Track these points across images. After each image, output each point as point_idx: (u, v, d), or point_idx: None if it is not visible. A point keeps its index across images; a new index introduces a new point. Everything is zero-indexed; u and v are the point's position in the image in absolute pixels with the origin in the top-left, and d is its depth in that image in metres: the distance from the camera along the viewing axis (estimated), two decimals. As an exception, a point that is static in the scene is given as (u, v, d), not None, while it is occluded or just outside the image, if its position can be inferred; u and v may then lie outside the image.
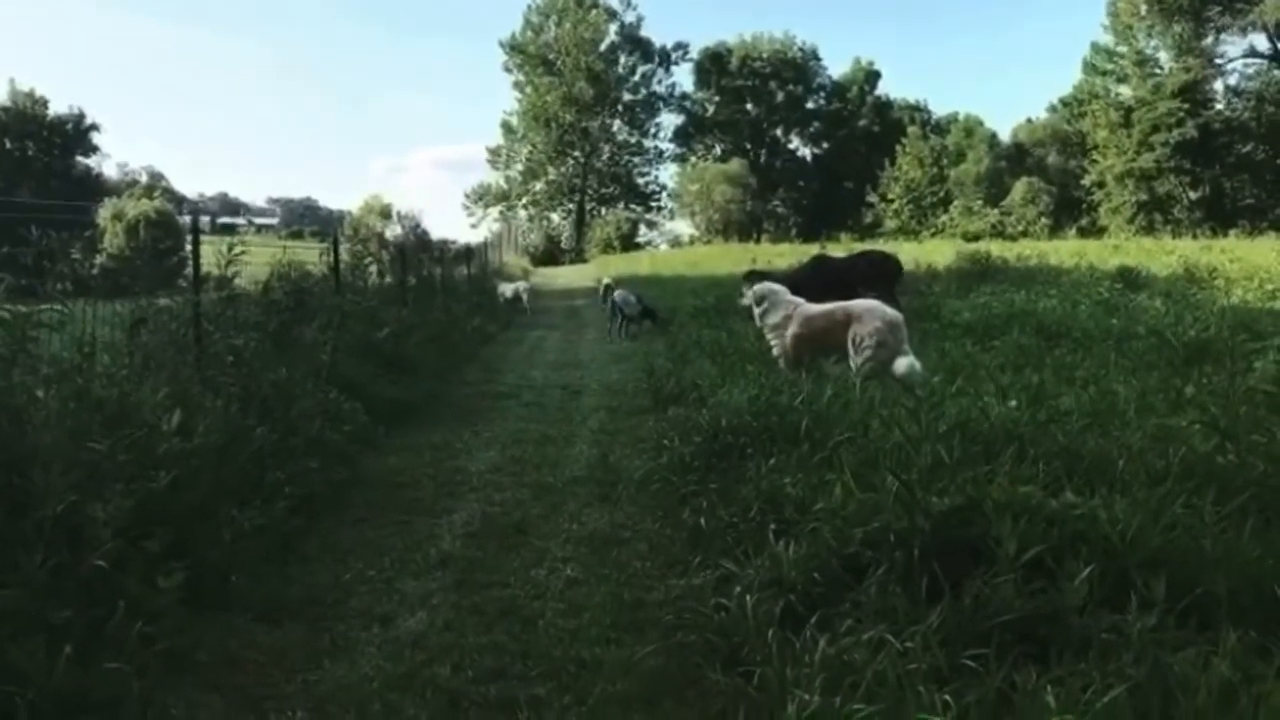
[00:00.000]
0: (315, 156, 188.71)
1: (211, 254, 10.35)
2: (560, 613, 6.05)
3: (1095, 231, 62.46)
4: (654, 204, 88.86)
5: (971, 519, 5.43)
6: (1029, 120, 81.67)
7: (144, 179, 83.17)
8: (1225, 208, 65.35)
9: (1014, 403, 8.03)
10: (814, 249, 31.83)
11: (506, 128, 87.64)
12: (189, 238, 10.33)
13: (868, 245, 46.04)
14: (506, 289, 29.94)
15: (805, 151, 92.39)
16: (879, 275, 19.48)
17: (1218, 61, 68.20)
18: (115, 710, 4.70)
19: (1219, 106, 68.36)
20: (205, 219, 70.54)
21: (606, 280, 28.25)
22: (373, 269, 18.48)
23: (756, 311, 12.49)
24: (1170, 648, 4.13)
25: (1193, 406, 8.59)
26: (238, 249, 10.42)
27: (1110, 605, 4.58)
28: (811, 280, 20.15)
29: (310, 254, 15.54)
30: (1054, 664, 4.16)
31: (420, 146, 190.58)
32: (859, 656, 4.42)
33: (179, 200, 72.37)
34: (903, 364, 10.44)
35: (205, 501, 6.68)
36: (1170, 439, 7.29)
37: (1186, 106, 64.99)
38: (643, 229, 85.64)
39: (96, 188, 66.35)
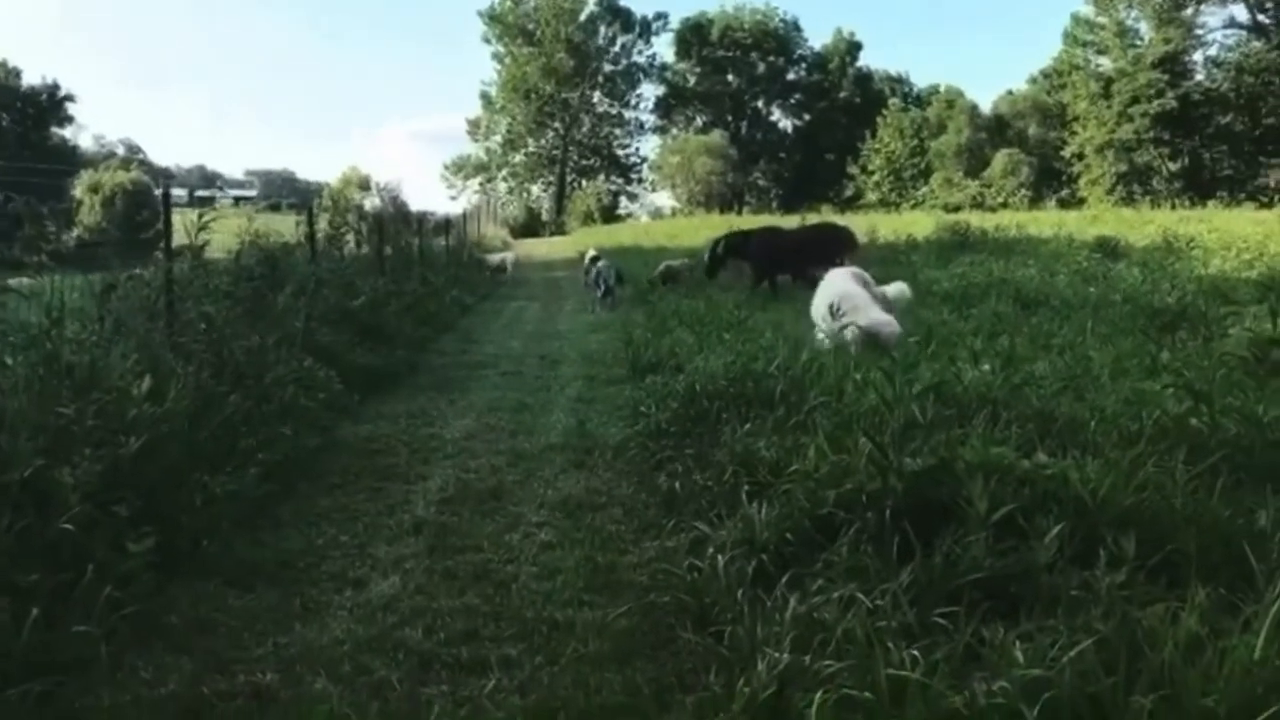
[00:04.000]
0: (294, 129, 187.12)
1: (185, 225, 10.25)
2: (533, 576, 6.04)
3: (1075, 203, 62.54)
4: (635, 176, 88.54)
5: (943, 479, 5.46)
6: (1010, 92, 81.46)
7: (120, 151, 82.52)
8: (1204, 178, 65.48)
9: (987, 367, 8.04)
10: (795, 221, 31.68)
11: (486, 99, 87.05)
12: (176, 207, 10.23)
13: (850, 217, 46.09)
14: (493, 258, 29.88)
15: (786, 123, 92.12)
16: (831, 248, 19.49)
17: (1198, 32, 68.23)
18: (83, 672, 4.70)
19: (1199, 77, 68.41)
20: (183, 191, 70.07)
21: (592, 252, 28.11)
22: (349, 239, 18.36)
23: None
24: (1139, 604, 4.14)
25: (1168, 372, 8.64)
26: (209, 218, 10.31)
27: (1080, 563, 4.60)
28: (763, 250, 20.18)
29: (286, 224, 15.45)
30: (1024, 621, 4.17)
31: (400, 118, 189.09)
32: (829, 615, 4.43)
33: (156, 172, 71.68)
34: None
35: (176, 467, 6.65)
36: (1144, 403, 7.33)
37: (1166, 78, 65.06)
38: (624, 201, 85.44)
39: (72, 160, 65.67)
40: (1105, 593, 4.10)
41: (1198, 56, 68.82)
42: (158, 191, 49.07)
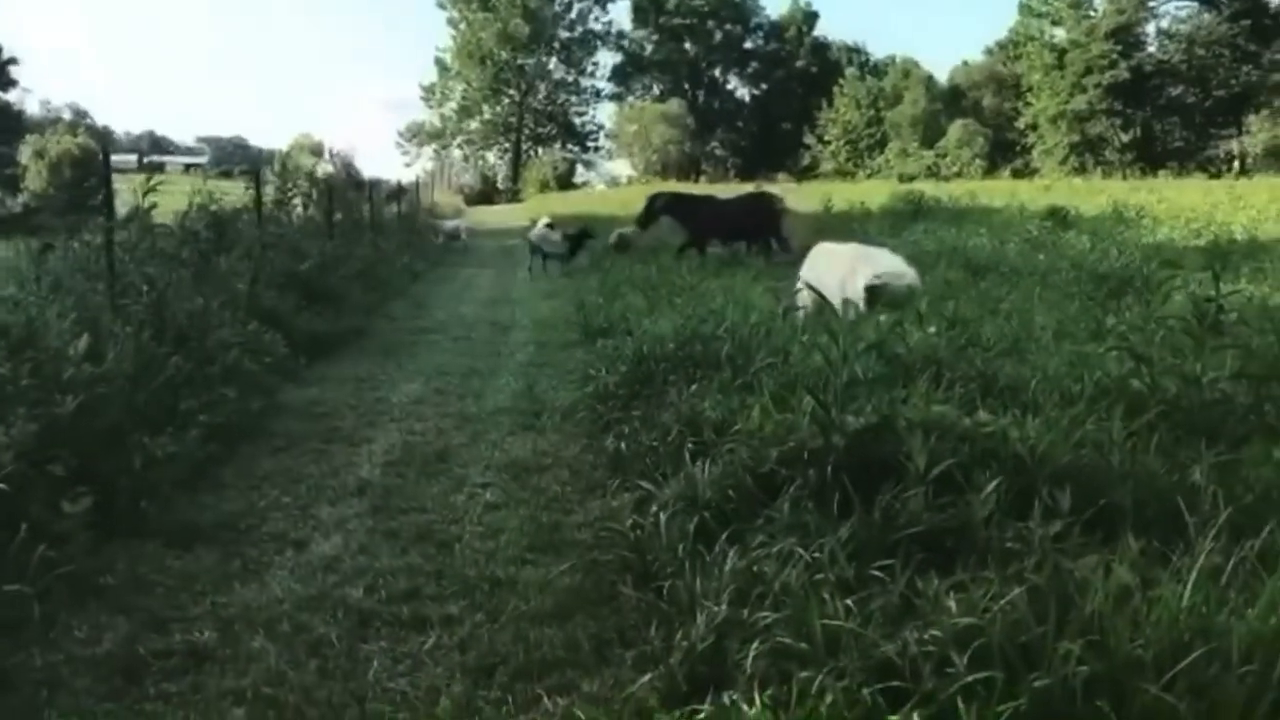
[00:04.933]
0: (247, 95, 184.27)
1: (133, 190, 10.10)
2: (477, 535, 6.03)
3: (1029, 173, 63.00)
4: (591, 144, 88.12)
5: (885, 437, 5.48)
6: (965, 63, 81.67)
7: (67, 116, 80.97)
8: (1155, 149, 66.15)
9: (933, 329, 8.08)
10: (750, 189, 31.78)
11: (441, 65, 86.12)
12: (118, 171, 10.07)
13: (805, 186, 46.22)
14: (446, 225, 29.65)
15: (743, 92, 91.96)
16: (762, 217, 19.52)
17: (1150, 4, 68.62)
18: (15, 632, 4.64)
19: (1150, 49, 68.98)
20: (132, 157, 68.89)
21: (544, 219, 27.98)
22: (297, 204, 18.15)
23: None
24: (1073, 556, 4.18)
25: (1112, 336, 8.73)
26: (156, 181, 10.15)
27: (1016, 517, 4.64)
28: (696, 218, 20.18)
29: (237, 191, 15.26)
30: (960, 573, 4.19)
31: (357, 84, 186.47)
32: (768, 569, 4.44)
33: (104, 138, 70.39)
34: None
35: (115, 427, 6.56)
36: (1087, 365, 7.40)
37: (1119, 49, 65.54)
38: (580, 169, 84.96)
39: (17, 125, 64.31)
40: (1039, 544, 4.13)
41: (1150, 28, 69.43)
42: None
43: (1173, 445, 5.70)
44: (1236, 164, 60.71)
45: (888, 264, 10.61)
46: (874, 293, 9.79)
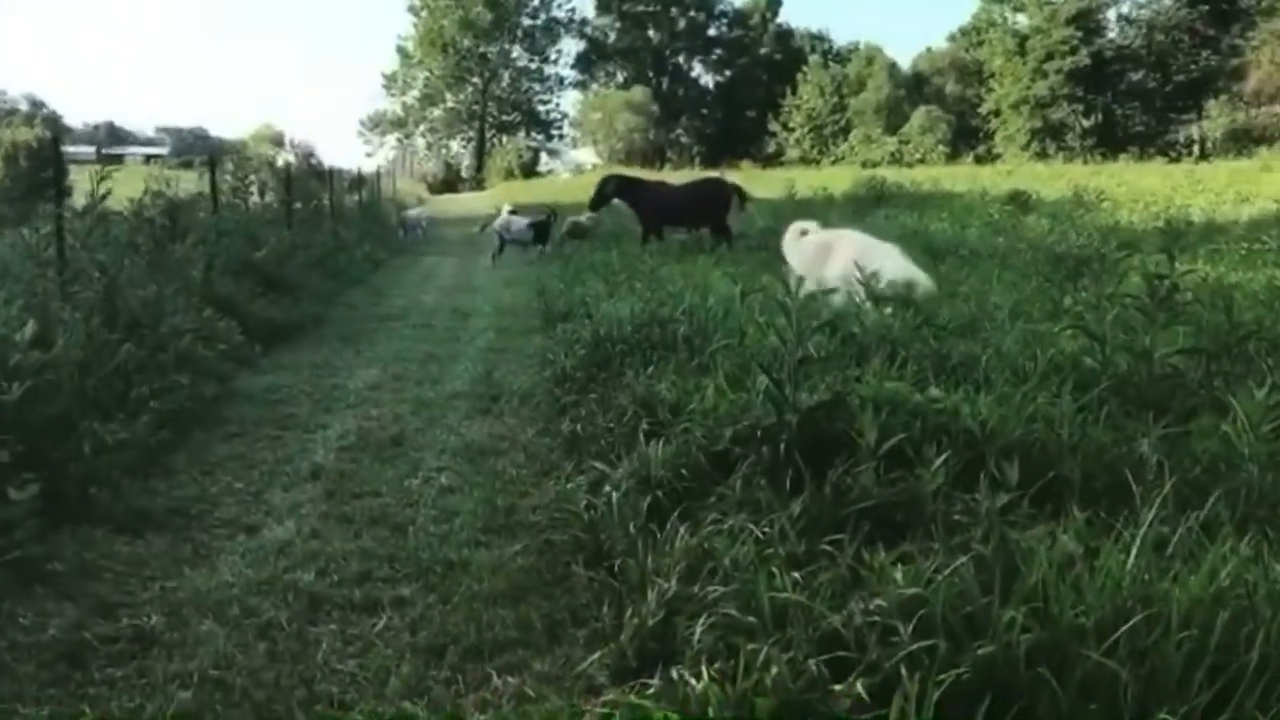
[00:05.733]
0: (208, 86, 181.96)
1: (89, 182, 9.99)
2: (431, 519, 5.99)
3: (991, 159, 63.50)
4: (556, 132, 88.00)
5: (837, 414, 5.49)
6: (928, 50, 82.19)
7: (24, 107, 79.86)
8: (1116, 134, 66.75)
9: (889, 310, 8.10)
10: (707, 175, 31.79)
11: (403, 53, 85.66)
12: (76, 162, 9.96)
13: (770, 173, 46.27)
14: (406, 214, 29.51)
15: (708, 79, 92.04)
16: (715, 203, 19.51)
17: (1111, -11, 69.26)
18: (-43, 620, 4.57)
19: (1111, 35, 69.64)
20: (91, 149, 68.01)
21: (507, 207, 27.88)
22: (254, 191, 18.01)
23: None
24: (1021, 527, 4.20)
25: (1068, 315, 8.78)
26: (110, 169, 10.05)
27: (966, 491, 4.66)
28: (649, 204, 20.15)
29: (194, 179, 15.12)
30: (908, 546, 4.21)
31: (318, 74, 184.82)
32: (719, 545, 4.44)
33: (55, 124, 69.36)
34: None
35: (64, 414, 6.48)
36: (1041, 343, 7.45)
37: (1080, 34, 66.09)
38: (544, 157, 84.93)
39: (-30, 116, 63.41)
40: (985, 516, 4.15)
41: (1111, 14, 70.06)
42: (66, 148, 47.65)
43: (1123, 419, 5.77)
44: (1196, 148, 61.38)
45: (895, 267, 9.36)
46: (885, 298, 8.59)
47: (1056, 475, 4.87)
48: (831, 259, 9.93)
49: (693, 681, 3.53)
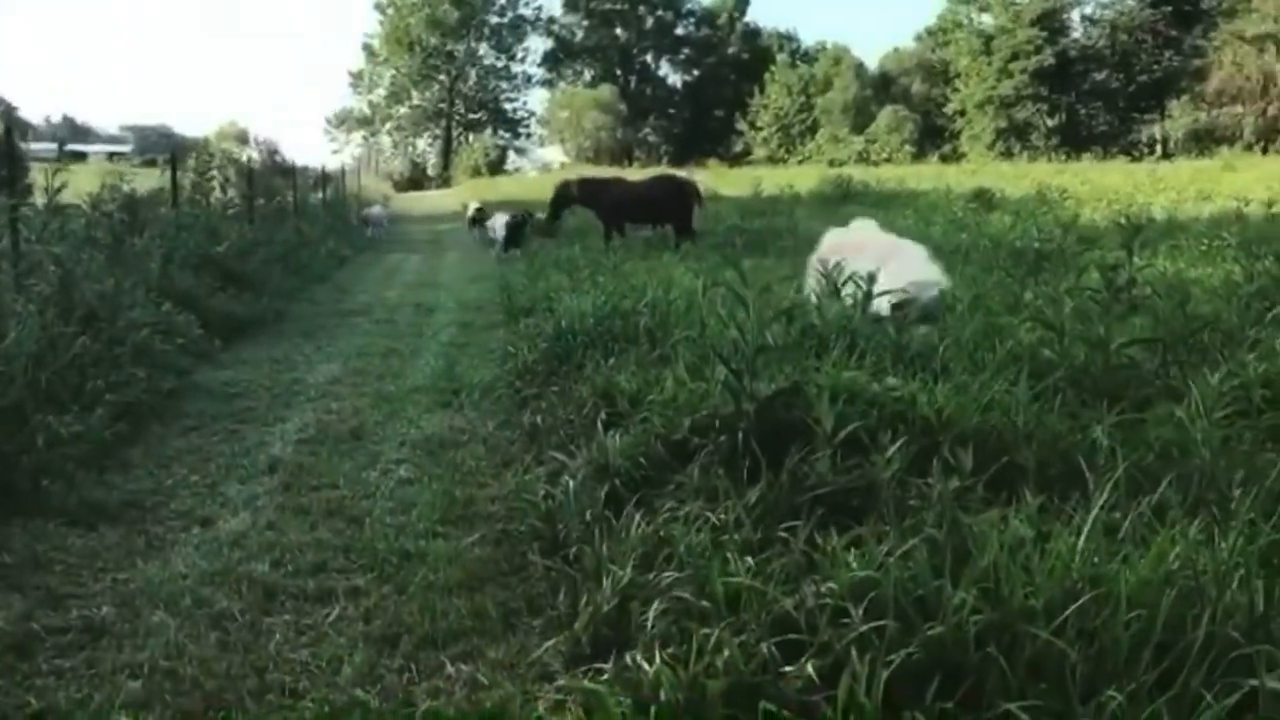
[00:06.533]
0: (173, 84, 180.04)
1: (46, 177, 9.92)
2: (389, 510, 5.96)
3: (957, 158, 63.89)
4: (523, 130, 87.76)
5: (795, 403, 5.49)
6: (895, 50, 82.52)
7: (-21, 102, 78.82)
8: (1080, 134, 67.28)
9: (850, 301, 8.12)
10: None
11: (368, 50, 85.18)
12: (38, 159, 9.87)
13: (737, 172, 46.33)
14: (369, 211, 29.41)
15: (675, 79, 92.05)
16: (676, 200, 19.48)
17: (1075, -10, 69.84)
18: (-97, 612, 4.50)
19: (1076, 35, 70.22)
20: (52, 146, 67.16)
21: (474, 204, 27.82)
22: (215, 187, 17.87)
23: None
24: (974, 512, 4.22)
25: (1028, 308, 8.84)
26: (66, 163, 9.98)
27: (921, 476, 4.67)
28: (609, 202, 20.11)
29: (157, 176, 15.00)
30: (862, 530, 4.22)
31: (284, 70, 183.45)
32: (676, 533, 4.43)
33: (8, 115, 68.49)
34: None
35: (16, 406, 6.43)
36: (1000, 334, 7.48)
37: (1045, 35, 66.62)
38: (512, 155, 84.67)
39: (-69, 113, 62.51)
40: (938, 500, 4.16)
41: (1075, 14, 70.62)
42: (29, 145, 47.16)
43: (1079, 407, 5.81)
44: (1159, 148, 61.94)
45: (918, 269, 8.80)
46: (900, 306, 8.10)
47: (1011, 462, 4.88)
48: (855, 257, 8.95)
49: (645, 666, 3.53)
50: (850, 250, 9.16)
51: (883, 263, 8.44)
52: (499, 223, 21.80)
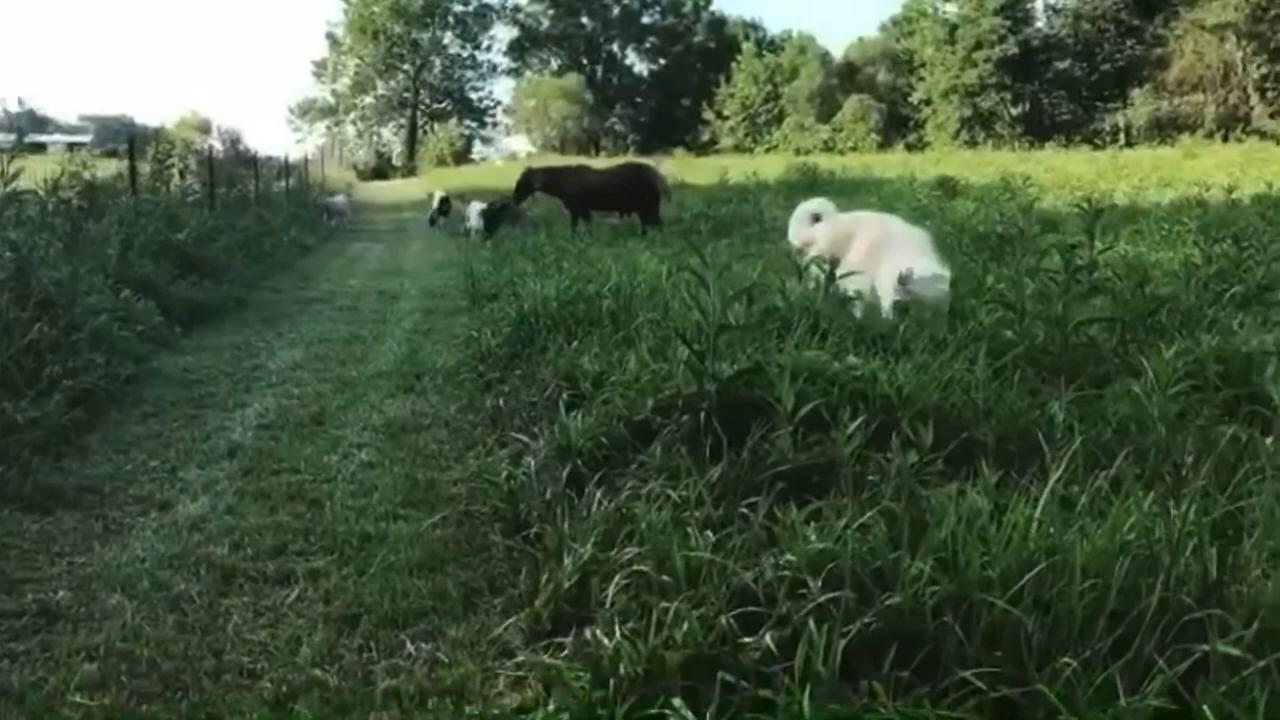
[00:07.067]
0: (134, 73, 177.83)
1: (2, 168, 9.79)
2: (350, 493, 5.92)
3: (922, 147, 64.10)
4: (489, 119, 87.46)
5: (757, 382, 5.50)
6: (860, 39, 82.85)
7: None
8: (1043, 122, 67.79)
9: (813, 284, 8.13)
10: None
11: (332, 39, 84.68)
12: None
13: (703, 161, 46.35)
14: (331, 200, 29.24)
15: (642, 68, 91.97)
16: (641, 188, 19.44)
17: (1038, -22, 70.32)
18: None
19: (1039, 24, 70.68)
20: (12, 136, 66.31)
21: (439, 193, 27.73)
22: (175, 174, 17.71)
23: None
24: (933, 487, 4.24)
25: (989, 290, 8.88)
26: (21, 153, 9.87)
27: (882, 452, 4.68)
28: (573, 189, 20.07)
29: (112, 165, 14.85)
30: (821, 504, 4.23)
31: (248, 60, 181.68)
32: (638, 510, 4.42)
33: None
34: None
35: (-30, 393, 6.33)
36: (961, 315, 7.52)
37: (1008, 24, 67.07)
38: (478, 145, 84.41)
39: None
40: (896, 473, 4.17)
41: (1038, 3, 71.13)
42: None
43: (1038, 385, 5.85)
44: (1121, 136, 62.42)
45: (922, 263, 7.83)
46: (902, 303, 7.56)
47: (970, 438, 4.91)
48: (849, 241, 8.56)
49: (605, 640, 3.53)
50: (841, 237, 8.77)
51: (881, 253, 8.02)
52: (474, 210, 21.71)
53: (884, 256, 7.97)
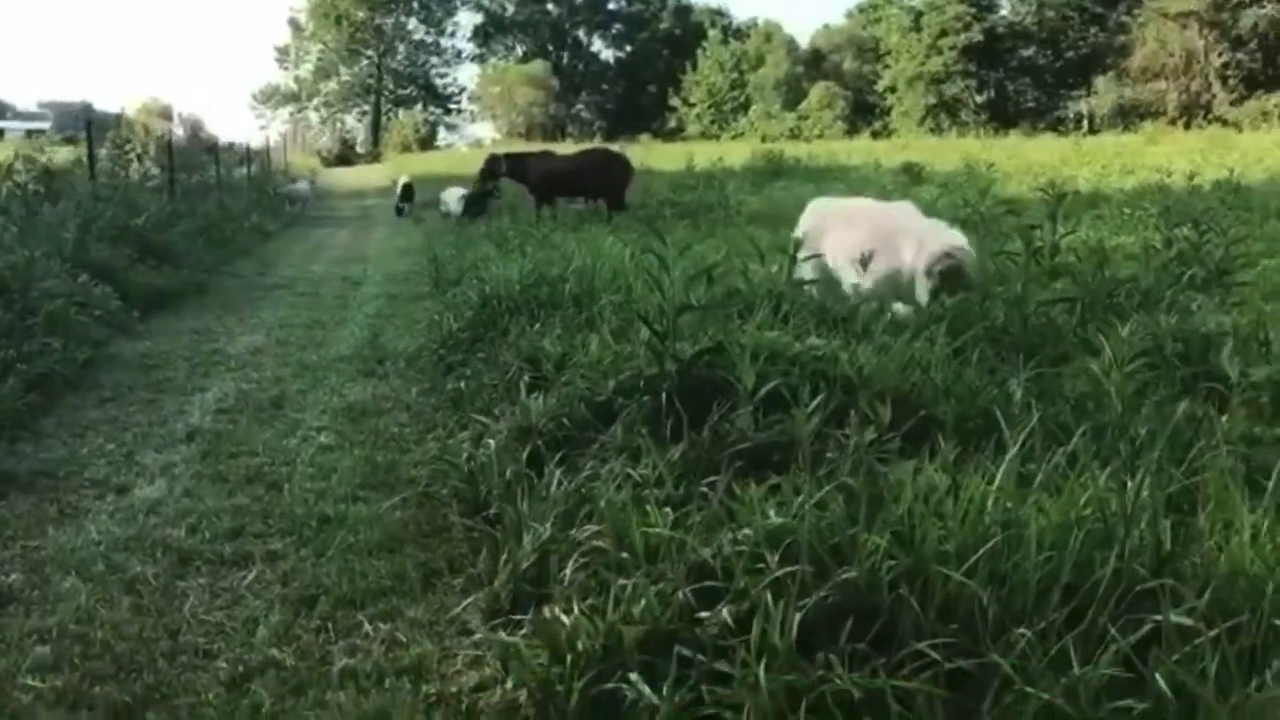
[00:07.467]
0: (94, 58, 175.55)
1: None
2: (309, 476, 5.88)
3: (887, 134, 64.34)
4: (454, 106, 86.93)
5: (718, 362, 5.50)
6: (826, 26, 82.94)
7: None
8: (1008, 109, 68.19)
9: (776, 267, 8.14)
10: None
11: (295, 25, 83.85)
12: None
13: (670, 147, 46.27)
14: (292, 187, 29.02)
15: (608, 54, 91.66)
16: (607, 173, 19.38)
17: (1003, -33, 70.60)
18: None
19: (1003, 11, 70.99)
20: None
21: (404, 179, 27.59)
22: (133, 158, 17.52)
23: None
24: (892, 464, 4.24)
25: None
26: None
27: (841, 430, 4.69)
28: (538, 175, 20.01)
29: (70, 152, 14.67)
30: (783, 485, 4.23)
31: (211, 47, 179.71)
32: (597, 489, 4.41)
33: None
34: None
35: (-79, 376, 6.23)
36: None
37: (973, 11, 67.34)
38: (443, 132, 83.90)
39: None
40: (854, 449, 4.17)
41: (1003, -10, 71.32)
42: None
43: (998, 364, 5.88)
44: (1085, 123, 62.85)
45: (944, 234, 7.57)
46: (947, 276, 7.14)
47: (929, 416, 4.93)
48: (856, 229, 7.98)
49: (562, 617, 3.52)
50: (839, 221, 8.32)
51: (895, 234, 7.62)
52: (453, 197, 21.56)
53: (903, 241, 7.53)
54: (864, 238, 7.60)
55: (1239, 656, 2.88)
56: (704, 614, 3.34)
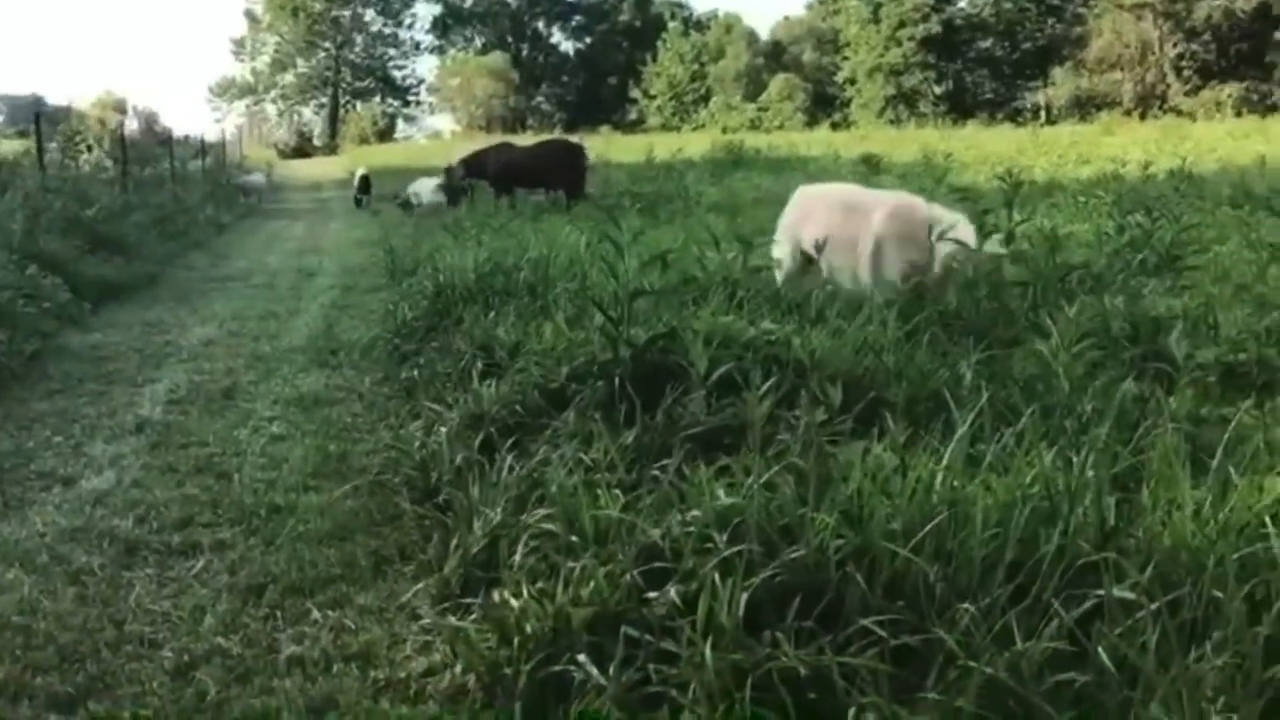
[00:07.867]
0: (46, 51, 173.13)
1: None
2: (259, 466, 5.83)
3: (847, 125, 64.43)
4: (412, 98, 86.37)
5: (671, 347, 5.51)
6: (786, 18, 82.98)
7: None
8: (967, 101, 68.47)
9: (732, 255, 8.14)
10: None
11: (251, 17, 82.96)
12: None
13: (630, 139, 46.16)
14: (246, 179, 28.81)
15: (568, 46, 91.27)
16: (564, 164, 19.35)
17: (960, -42, 70.89)
18: None
19: (962, 3, 71.25)
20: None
21: (361, 170, 27.44)
22: (84, 149, 17.30)
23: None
24: (843, 445, 4.25)
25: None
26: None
27: (792, 412, 4.70)
28: (496, 167, 19.92)
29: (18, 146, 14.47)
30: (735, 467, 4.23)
31: (166, 39, 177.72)
32: (549, 474, 4.40)
33: None
34: None
35: None
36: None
37: (932, 3, 67.51)
38: (401, 124, 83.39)
39: None
40: (804, 430, 4.18)
41: (961, -19, 71.60)
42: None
43: (949, 347, 5.91)
44: (1042, 113, 63.27)
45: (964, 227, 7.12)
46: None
47: (880, 398, 4.95)
48: (848, 213, 7.74)
49: (511, 600, 3.50)
50: (829, 206, 8.04)
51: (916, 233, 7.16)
52: (425, 188, 21.39)
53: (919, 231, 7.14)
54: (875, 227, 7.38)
55: (1179, 629, 2.91)
56: (652, 594, 3.34)
